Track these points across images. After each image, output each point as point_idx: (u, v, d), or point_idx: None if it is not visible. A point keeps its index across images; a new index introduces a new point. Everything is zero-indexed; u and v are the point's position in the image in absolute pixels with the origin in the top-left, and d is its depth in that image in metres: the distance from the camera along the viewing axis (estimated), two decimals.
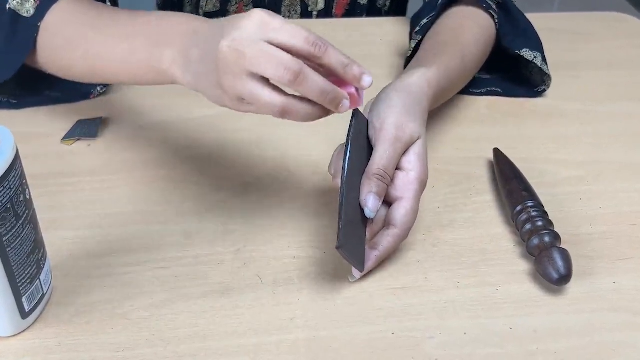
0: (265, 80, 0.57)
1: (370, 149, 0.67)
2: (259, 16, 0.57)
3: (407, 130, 0.66)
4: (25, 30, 0.76)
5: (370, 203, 0.63)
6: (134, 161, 0.79)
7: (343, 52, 0.59)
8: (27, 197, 0.56)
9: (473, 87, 0.91)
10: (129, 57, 0.68)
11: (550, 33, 1.01)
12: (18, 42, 0.76)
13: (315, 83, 0.57)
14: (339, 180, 0.63)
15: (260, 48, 0.56)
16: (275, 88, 0.58)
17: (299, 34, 0.57)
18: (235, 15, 0.59)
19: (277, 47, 0.57)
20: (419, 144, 0.67)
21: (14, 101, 0.86)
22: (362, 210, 0.64)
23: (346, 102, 0.59)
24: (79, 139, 0.81)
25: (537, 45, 0.91)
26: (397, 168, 0.66)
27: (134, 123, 0.85)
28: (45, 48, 0.75)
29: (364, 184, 0.64)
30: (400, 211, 0.65)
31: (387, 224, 0.66)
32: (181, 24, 0.65)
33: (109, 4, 0.86)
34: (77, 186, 0.75)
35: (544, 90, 0.93)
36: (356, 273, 0.64)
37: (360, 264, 0.63)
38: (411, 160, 0.66)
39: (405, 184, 0.65)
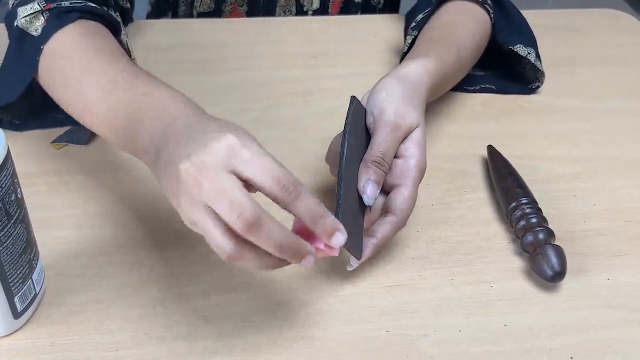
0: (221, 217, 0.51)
1: (368, 137, 0.67)
2: (229, 142, 0.52)
3: (406, 118, 0.65)
4: (30, 50, 0.72)
5: (369, 190, 0.62)
6: (126, 160, 0.79)
7: (318, 201, 0.53)
8: (19, 196, 0.56)
9: (467, 84, 0.91)
10: (110, 125, 0.64)
11: (544, 30, 1.01)
12: (24, 61, 0.73)
13: (271, 237, 0.51)
14: (336, 170, 0.63)
15: (219, 182, 0.50)
16: (230, 230, 0.51)
17: (269, 172, 0.51)
18: (212, 123, 0.55)
19: (244, 181, 0.51)
20: (418, 131, 0.66)
21: (17, 122, 0.82)
22: (360, 198, 0.63)
23: (310, 258, 0.53)
24: (66, 144, 0.80)
25: (531, 42, 0.91)
26: (396, 156, 0.66)
27: None
28: (44, 74, 0.72)
29: (362, 171, 0.63)
30: (399, 198, 0.64)
31: (385, 211, 0.65)
32: (164, 106, 0.60)
33: (125, 36, 0.82)
34: (70, 185, 0.75)
35: (538, 87, 0.93)
36: (354, 261, 0.63)
37: (358, 251, 0.62)
38: (410, 148, 0.66)
39: (403, 172, 0.65)
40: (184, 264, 0.67)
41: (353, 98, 0.66)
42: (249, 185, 0.52)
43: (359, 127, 0.66)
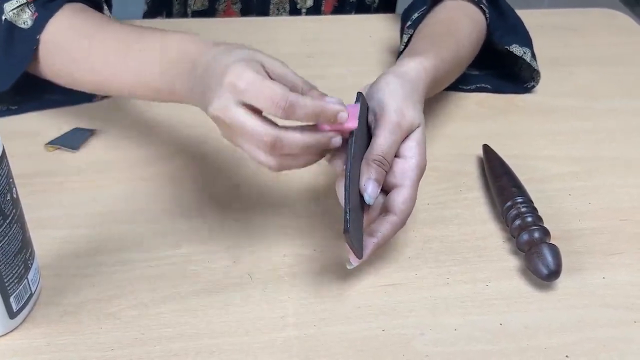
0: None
1: (369, 134, 0.66)
2: (228, 81, 0.58)
3: (408, 117, 0.65)
4: (23, 42, 0.74)
5: (370, 189, 0.62)
6: (122, 160, 0.79)
7: (310, 99, 0.59)
8: (14, 196, 0.56)
9: (462, 83, 0.91)
10: (136, 77, 0.69)
11: (540, 29, 1.01)
12: (16, 53, 0.74)
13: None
14: (336, 166, 0.63)
15: (236, 118, 0.58)
16: (267, 149, 0.59)
17: (262, 96, 0.57)
18: (217, 67, 0.60)
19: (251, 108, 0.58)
20: (419, 131, 0.66)
21: (14, 107, 0.84)
22: (361, 197, 0.63)
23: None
24: (59, 148, 0.80)
25: (527, 41, 0.91)
26: (396, 155, 0.65)
27: (123, 121, 0.85)
28: (48, 63, 0.74)
29: (363, 170, 0.63)
30: (399, 198, 0.64)
31: (385, 211, 0.64)
32: (180, 53, 0.66)
33: (107, 11, 0.84)
34: (65, 185, 0.75)
35: (533, 87, 0.93)
36: (354, 260, 0.62)
37: (359, 250, 0.61)
38: (411, 148, 0.65)
39: (404, 171, 0.64)
40: (180, 263, 0.66)
41: (360, 94, 0.66)
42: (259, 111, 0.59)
43: (362, 124, 0.66)
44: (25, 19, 0.73)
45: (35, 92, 0.84)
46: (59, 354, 0.58)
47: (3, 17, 0.75)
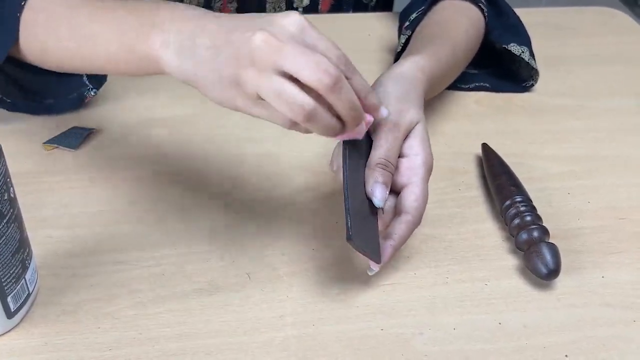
0: (295, 81, 0.53)
1: (369, 139, 0.66)
2: (299, 19, 0.55)
3: (405, 115, 0.65)
4: (10, 13, 0.70)
5: (378, 192, 0.61)
6: (120, 159, 0.79)
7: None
8: (12, 195, 0.56)
9: (461, 82, 0.91)
10: (115, 38, 0.62)
11: (538, 28, 1.01)
12: (5, 26, 0.71)
13: (350, 94, 0.55)
14: (341, 175, 0.62)
15: (300, 47, 0.53)
16: (305, 89, 0.54)
17: (333, 49, 0.56)
18: (269, 14, 0.57)
19: None
20: (419, 128, 0.66)
21: (8, 100, 0.82)
22: (370, 202, 0.62)
23: (363, 125, 0.59)
24: (57, 147, 0.80)
25: (525, 40, 0.91)
26: (401, 155, 0.65)
27: (121, 122, 0.85)
28: (26, 28, 0.70)
29: (368, 175, 0.63)
30: (411, 197, 0.63)
31: (398, 211, 0.64)
32: (179, 7, 0.60)
33: None
34: (63, 184, 0.75)
35: (532, 85, 0.93)
36: (374, 266, 0.62)
37: (376, 255, 0.61)
38: (414, 145, 0.65)
39: (411, 169, 0.64)
40: (178, 263, 0.66)
41: None
42: None
43: None
44: None
45: (31, 93, 0.83)
46: (57, 354, 0.58)
47: None
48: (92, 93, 0.85)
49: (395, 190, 0.65)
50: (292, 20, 0.55)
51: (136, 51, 0.60)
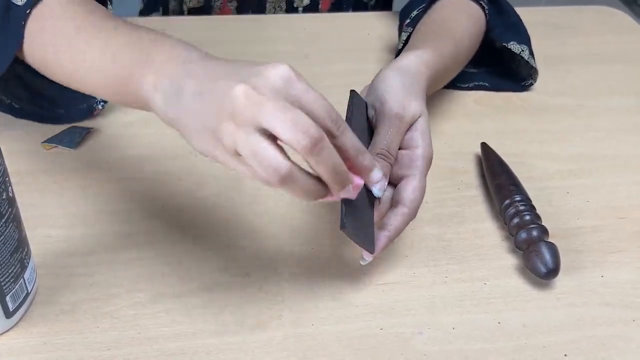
0: (273, 140, 0.51)
1: (370, 131, 0.66)
2: (286, 70, 0.52)
3: (408, 108, 0.65)
4: (16, 19, 0.70)
5: (377, 183, 0.61)
6: (118, 159, 0.79)
7: (357, 139, 0.55)
8: (10, 195, 0.56)
9: (460, 81, 0.91)
10: (108, 70, 0.61)
11: (538, 27, 1.01)
12: (9, 32, 0.72)
13: (332, 157, 0.52)
14: None
15: (281, 103, 0.50)
16: (282, 150, 0.51)
17: (322, 104, 0.52)
18: (256, 62, 0.54)
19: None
20: (422, 121, 0.66)
21: (17, 106, 0.82)
22: (368, 193, 0.62)
23: (350, 188, 0.55)
24: (56, 147, 0.79)
25: (525, 39, 0.91)
26: (401, 147, 0.65)
27: (119, 121, 0.85)
28: (29, 38, 0.70)
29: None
30: (408, 189, 0.63)
31: (395, 203, 0.64)
32: (175, 48, 0.58)
33: (110, 6, 0.80)
34: (62, 184, 0.75)
35: (531, 84, 0.93)
36: (367, 256, 0.62)
37: (370, 245, 0.61)
38: (415, 138, 0.65)
39: (410, 162, 0.64)
40: (176, 262, 0.66)
41: (352, 92, 0.65)
42: None
43: (360, 121, 0.65)
44: None
45: (39, 100, 0.82)
46: (56, 353, 0.58)
47: None
48: (100, 106, 0.84)
49: (393, 182, 0.65)
50: (278, 73, 0.51)
51: (128, 88, 0.59)
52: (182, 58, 0.57)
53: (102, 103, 0.84)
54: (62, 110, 0.83)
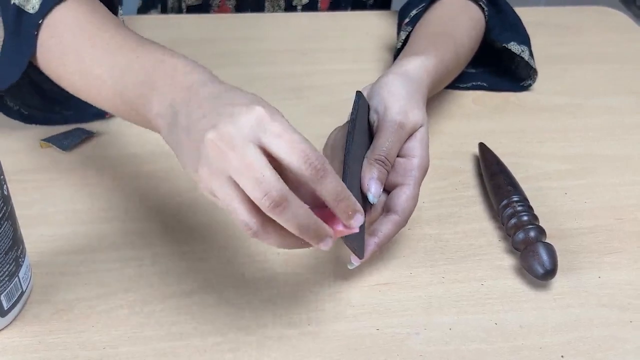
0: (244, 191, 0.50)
1: (370, 134, 0.66)
2: (259, 114, 0.50)
3: (411, 117, 0.65)
4: (28, 28, 0.70)
5: (373, 188, 0.62)
6: (115, 158, 0.78)
7: (341, 182, 0.52)
8: (5, 193, 0.56)
9: (459, 81, 0.91)
10: (118, 90, 0.62)
11: (537, 27, 1.01)
12: (22, 40, 0.72)
13: (297, 217, 0.50)
14: (335, 163, 0.62)
15: (246, 157, 0.49)
16: (254, 205, 0.50)
17: (298, 150, 0.50)
18: (239, 95, 0.53)
19: (271, 155, 0.50)
20: (422, 130, 0.66)
21: (25, 112, 0.82)
22: (362, 196, 0.62)
23: (328, 241, 0.53)
24: (50, 146, 0.79)
25: (525, 40, 0.91)
26: (399, 155, 0.65)
27: (116, 120, 0.84)
28: (43, 49, 0.70)
29: (365, 170, 0.63)
30: (401, 197, 0.64)
31: (386, 210, 0.64)
32: (177, 71, 0.58)
33: (120, 13, 0.80)
34: (58, 183, 0.74)
35: (530, 85, 0.93)
36: (355, 260, 0.62)
37: (360, 250, 0.61)
38: (413, 147, 0.65)
39: (406, 171, 0.65)
40: (172, 261, 0.66)
41: (359, 93, 0.65)
42: (273, 160, 0.50)
43: (362, 123, 0.65)
44: (34, 4, 0.70)
45: (49, 103, 0.82)
46: (51, 353, 0.58)
47: (12, 1, 0.72)
48: None
49: (386, 188, 0.65)
50: (251, 117, 0.50)
51: (136, 111, 0.60)
52: (182, 84, 0.57)
53: None
54: (70, 112, 0.83)
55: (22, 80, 0.74)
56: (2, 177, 0.55)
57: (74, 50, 0.67)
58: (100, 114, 0.84)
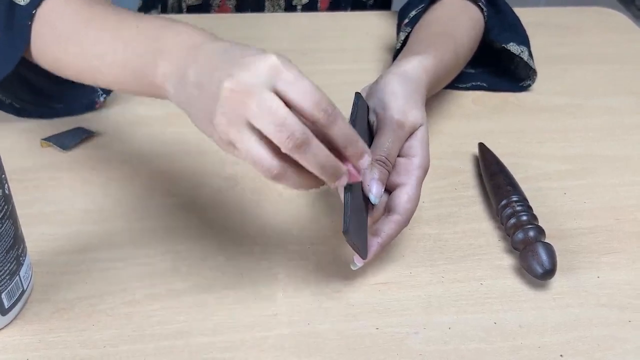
0: (264, 136, 0.52)
1: (370, 134, 0.66)
2: (273, 62, 0.51)
3: (410, 117, 0.65)
4: (21, 20, 0.71)
5: (375, 189, 0.62)
6: (115, 157, 0.79)
7: (350, 125, 0.54)
8: (6, 192, 0.56)
9: (458, 81, 0.91)
10: (122, 62, 0.62)
11: (536, 27, 1.01)
12: (15, 33, 0.72)
13: (317, 157, 0.52)
14: None
15: (266, 102, 0.50)
16: (273, 147, 0.52)
17: (310, 95, 0.51)
18: (249, 48, 0.54)
19: (285, 101, 0.51)
20: (422, 130, 0.66)
21: (17, 105, 0.82)
22: (364, 197, 0.62)
23: (344, 179, 0.55)
24: (50, 145, 0.79)
25: (524, 40, 0.91)
26: (399, 155, 0.65)
27: (116, 120, 0.84)
28: (37, 39, 0.70)
29: (366, 170, 0.63)
30: (403, 197, 0.64)
31: (388, 210, 0.64)
32: (181, 34, 0.59)
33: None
34: (58, 182, 0.75)
35: (529, 85, 0.93)
36: (358, 261, 0.62)
37: (363, 250, 0.62)
38: (414, 147, 0.65)
39: (407, 171, 0.65)
40: (173, 261, 0.66)
41: (357, 94, 0.65)
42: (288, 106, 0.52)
43: (362, 124, 0.65)
44: None
45: (42, 98, 0.83)
46: (51, 351, 0.58)
47: None
48: (102, 99, 0.85)
49: (387, 188, 0.65)
50: (265, 65, 0.51)
51: (142, 78, 0.61)
52: (187, 44, 0.58)
53: (103, 95, 0.85)
54: (61, 105, 0.83)
55: (13, 75, 0.75)
56: (3, 176, 0.55)
57: (70, 34, 0.67)
58: (90, 106, 0.85)
